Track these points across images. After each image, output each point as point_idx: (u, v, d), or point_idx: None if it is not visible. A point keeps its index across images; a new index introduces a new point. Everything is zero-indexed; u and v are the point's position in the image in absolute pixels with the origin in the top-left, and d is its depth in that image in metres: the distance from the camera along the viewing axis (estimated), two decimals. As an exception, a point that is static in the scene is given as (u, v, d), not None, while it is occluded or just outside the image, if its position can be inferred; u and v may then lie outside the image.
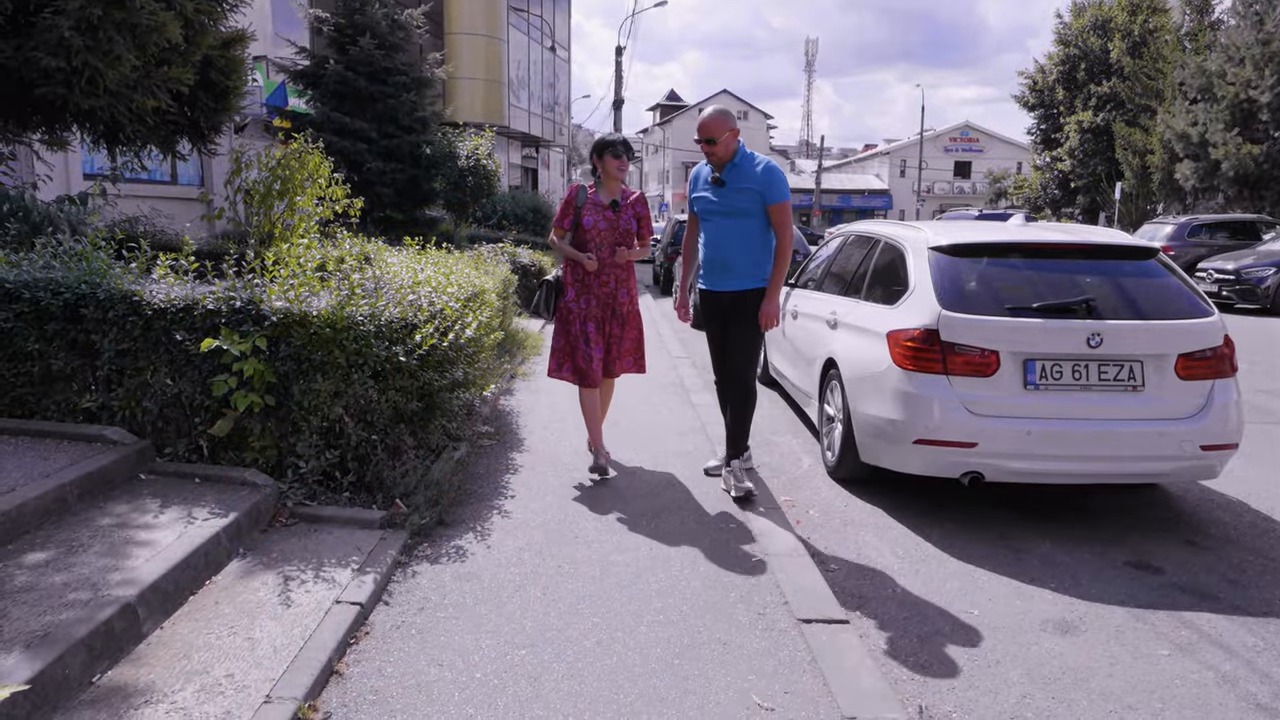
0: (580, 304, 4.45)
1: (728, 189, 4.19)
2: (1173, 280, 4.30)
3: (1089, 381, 3.97)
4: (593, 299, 4.45)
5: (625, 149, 4.51)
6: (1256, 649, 3.02)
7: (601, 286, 4.46)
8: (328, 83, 13.31)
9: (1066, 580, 3.56)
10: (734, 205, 4.18)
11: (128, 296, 3.66)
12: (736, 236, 4.21)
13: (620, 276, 4.51)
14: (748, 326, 4.25)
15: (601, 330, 4.48)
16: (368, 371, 3.72)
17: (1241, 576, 3.64)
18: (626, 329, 4.57)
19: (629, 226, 4.49)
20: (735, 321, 4.29)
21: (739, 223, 4.20)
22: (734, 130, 4.19)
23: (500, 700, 2.39)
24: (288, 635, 2.54)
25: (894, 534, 4.05)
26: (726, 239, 4.24)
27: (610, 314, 4.50)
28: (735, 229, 4.21)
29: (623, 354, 4.57)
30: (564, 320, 4.49)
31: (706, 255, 4.37)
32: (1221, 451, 4.03)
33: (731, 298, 4.27)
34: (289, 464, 3.69)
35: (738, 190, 4.17)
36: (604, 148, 4.49)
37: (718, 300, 4.34)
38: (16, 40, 5.37)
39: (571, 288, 4.49)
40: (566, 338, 4.48)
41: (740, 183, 4.17)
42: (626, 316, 4.56)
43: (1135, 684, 2.77)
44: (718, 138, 4.12)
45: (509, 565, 3.32)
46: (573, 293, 4.48)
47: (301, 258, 4.14)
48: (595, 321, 4.45)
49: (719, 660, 2.71)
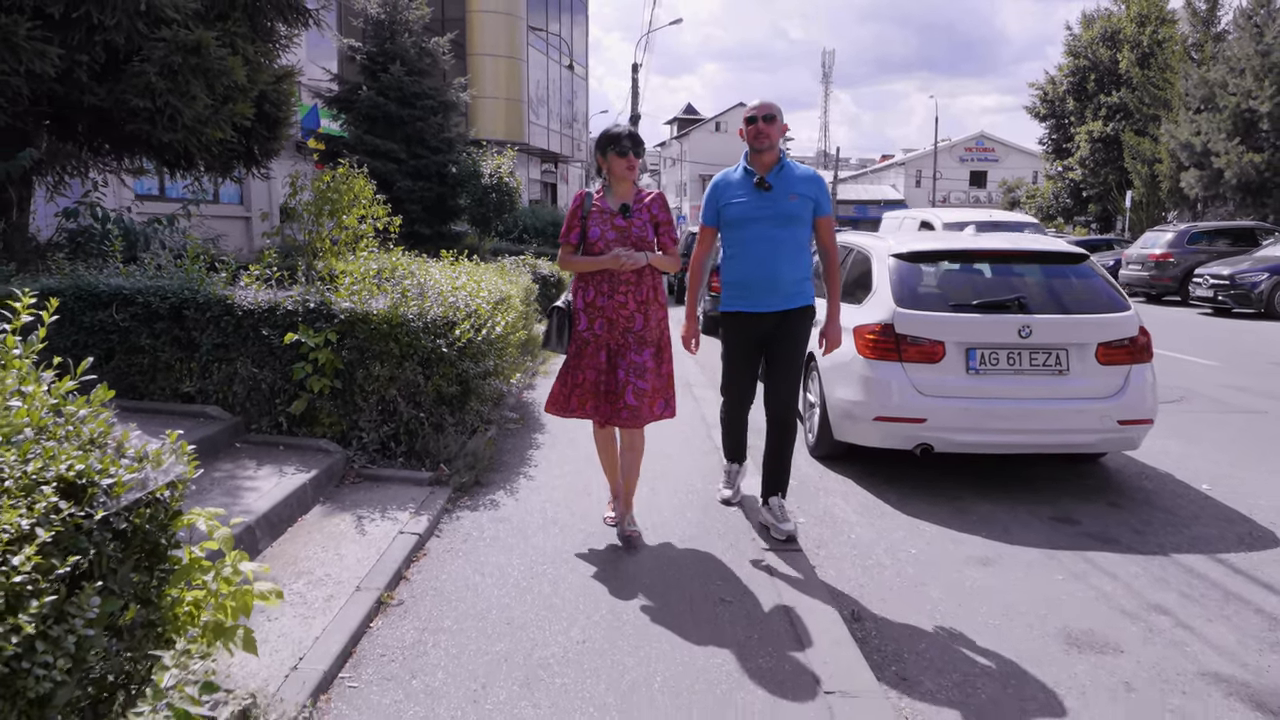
0: (595, 330, 3.66)
1: (775, 193, 3.75)
2: (1098, 281, 5.02)
3: (1021, 367, 4.69)
4: (606, 323, 3.64)
5: (634, 144, 3.63)
6: (1137, 576, 3.73)
7: (619, 309, 3.62)
8: (360, 107, 14.27)
9: (997, 530, 4.28)
10: (785, 211, 3.75)
11: (222, 300, 4.50)
12: (786, 247, 3.77)
13: (640, 295, 3.65)
14: (795, 351, 3.85)
15: (616, 363, 3.65)
16: (416, 360, 4.53)
17: (1146, 528, 4.34)
18: (653, 361, 3.67)
19: (644, 234, 3.65)
20: (780, 346, 3.85)
21: (788, 232, 3.77)
22: (785, 126, 3.88)
23: (528, 597, 3.17)
24: (366, 553, 3.34)
25: (858, 498, 4.79)
26: (774, 251, 3.76)
27: (629, 342, 3.64)
28: (785, 239, 3.76)
29: (652, 394, 3.66)
30: (577, 353, 3.71)
31: (744, 272, 3.82)
32: (1138, 425, 4.74)
33: (777, 319, 3.82)
34: (353, 436, 4.51)
35: (788, 195, 3.75)
36: (607, 143, 3.67)
37: (757, 324, 3.84)
38: (109, 85, 6.27)
39: (583, 314, 3.68)
40: (574, 372, 3.71)
41: (791, 188, 3.76)
42: (652, 345, 3.69)
43: (1030, 598, 3.50)
44: (776, 116, 3.78)
45: (534, 513, 4.11)
46: (584, 320, 3.68)
47: (361, 268, 4.96)
48: (609, 350, 3.66)
49: (699, 566, 3.46)
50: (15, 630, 1.35)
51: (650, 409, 3.67)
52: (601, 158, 3.71)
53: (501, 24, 28.25)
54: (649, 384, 3.63)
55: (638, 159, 3.70)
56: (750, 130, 3.80)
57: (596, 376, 3.67)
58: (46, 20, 5.75)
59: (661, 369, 3.73)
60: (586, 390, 3.68)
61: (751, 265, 3.80)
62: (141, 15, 6.05)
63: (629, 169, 3.66)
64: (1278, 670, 2.93)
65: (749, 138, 3.81)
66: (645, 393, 3.62)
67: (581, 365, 3.69)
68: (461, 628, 2.91)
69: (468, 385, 4.83)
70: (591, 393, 3.68)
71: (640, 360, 3.63)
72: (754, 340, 3.90)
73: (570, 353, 3.74)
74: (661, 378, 3.73)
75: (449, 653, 2.73)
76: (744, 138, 3.86)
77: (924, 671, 2.91)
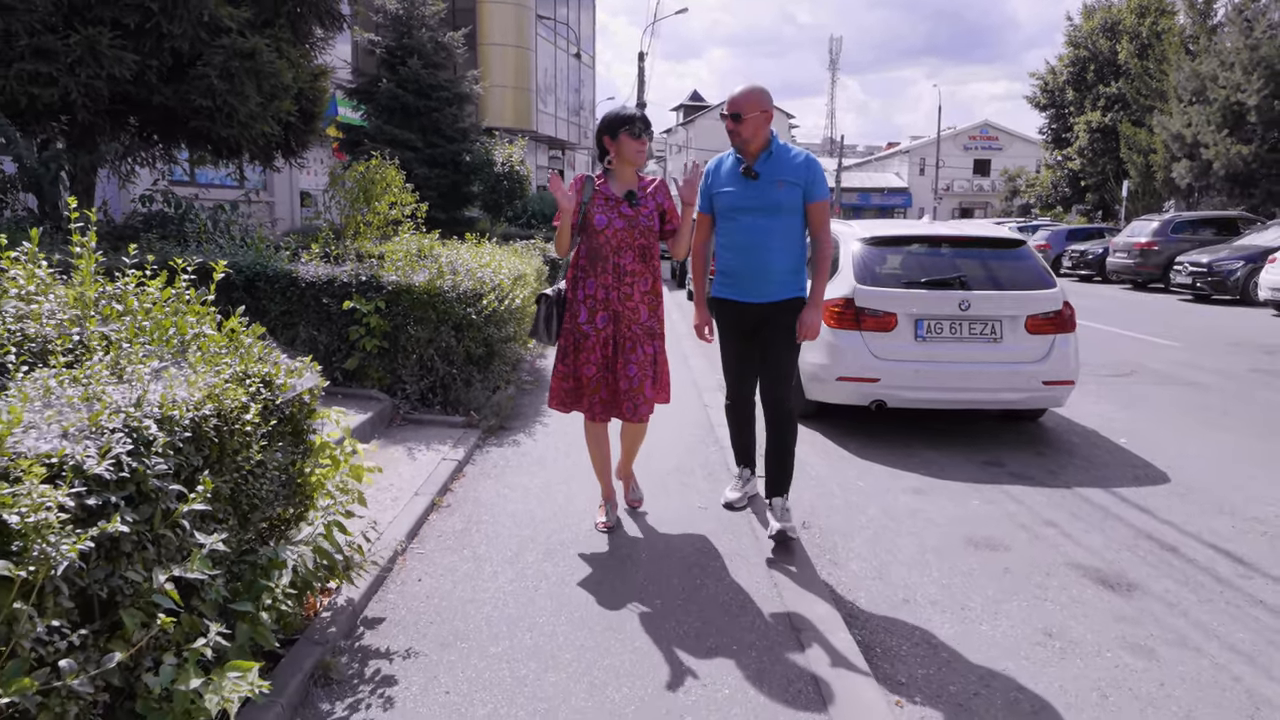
0: (596, 324, 3.54)
1: (762, 182, 3.63)
2: (1033, 263, 5.85)
3: (962, 335, 5.54)
4: (609, 316, 3.54)
5: (644, 126, 3.53)
6: (1040, 502, 4.58)
7: (624, 301, 3.53)
8: (380, 99, 15.09)
9: (934, 469, 5.14)
10: (772, 200, 3.63)
11: (289, 274, 5.37)
12: (776, 238, 3.65)
13: (644, 286, 3.59)
14: (786, 342, 3.72)
15: (623, 358, 3.57)
16: (450, 325, 5.40)
17: (1060, 470, 5.19)
18: (648, 350, 3.62)
19: (651, 223, 3.55)
20: (770, 337, 3.74)
21: (778, 222, 3.65)
22: (766, 112, 3.64)
23: (547, 504, 4.07)
24: (418, 472, 4.22)
25: (822, 446, 5.64)
26: (763, 241, 3.65)
27: (636, 334, 3.58)
28: (775, 229, 3.65)
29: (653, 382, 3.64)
30: (575, 347, 3.59)
31: (732, 261, 3.75)
32: (1061, 386, 5.59)
33: (765, 310, 3.71)
34: (398, 387, 5.39)
35: (775, 183, 3.63)
36: (620, 124, 3.50)
37: (744, 313, 3.76)
38: (175, 86, 7.11)
39: (583, 306, 3.56)
40: (572, 367, 3.62)
41: (779, 174, 3.63)
42: (656, 337, 3.67)
43: (948, 515, 4.36)
44: (744, 114, 3.57)
45: (548, 450, 4.98)
46: (584, 312, 3.55)
47: (404, 248, 5.83)
48: (610, 344, 3.57)
49: (680, 486, 4.33)
50: (247, 460, 2.23)
51: (647, 399, 3.62)
52: (610, 139, 3.53)
53: (510, 14, 28.95)
54: (651, 374, 3.61)
55: (649, 141, 3.59)
56: (728, 126, 3.66)
57: (596, 373, 3.55)
58: (124, 30, 6.60)
59: (658, 357, 3.68)
60: (586, 386, 3.58)
61: (741, 256, 3.71)
62: (204, 25, 6.89)
63: (639, 151, 3.53)
64: (1126, 562, 3.79)
65: (728, 131, 3.69)
66: (642, 386, 3.58)
67: (581, 360, 3.56)
68: (496, 520, 3.80)
69: (492, 347, 5.70)
70: (591, 388, 3.58)
71: (650, 353, 3.59)
72: (743, 329, 3.81)
73: (564, 346, 3.61)
74: (659, 365, 3.68)
75: (488, 535, 3.62)
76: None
77: (851, 560, 3.78)
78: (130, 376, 2.12)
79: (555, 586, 3.20)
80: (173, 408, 1.97)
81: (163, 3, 6.60)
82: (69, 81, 6.35)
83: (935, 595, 3.42)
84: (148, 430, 1.85)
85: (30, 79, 6.27)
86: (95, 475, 1.64)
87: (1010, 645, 3.03)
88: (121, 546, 1.71)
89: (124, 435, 1.78)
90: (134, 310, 2.65)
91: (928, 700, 2.66)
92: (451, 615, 2.93)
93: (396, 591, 3.10)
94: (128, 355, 2.28)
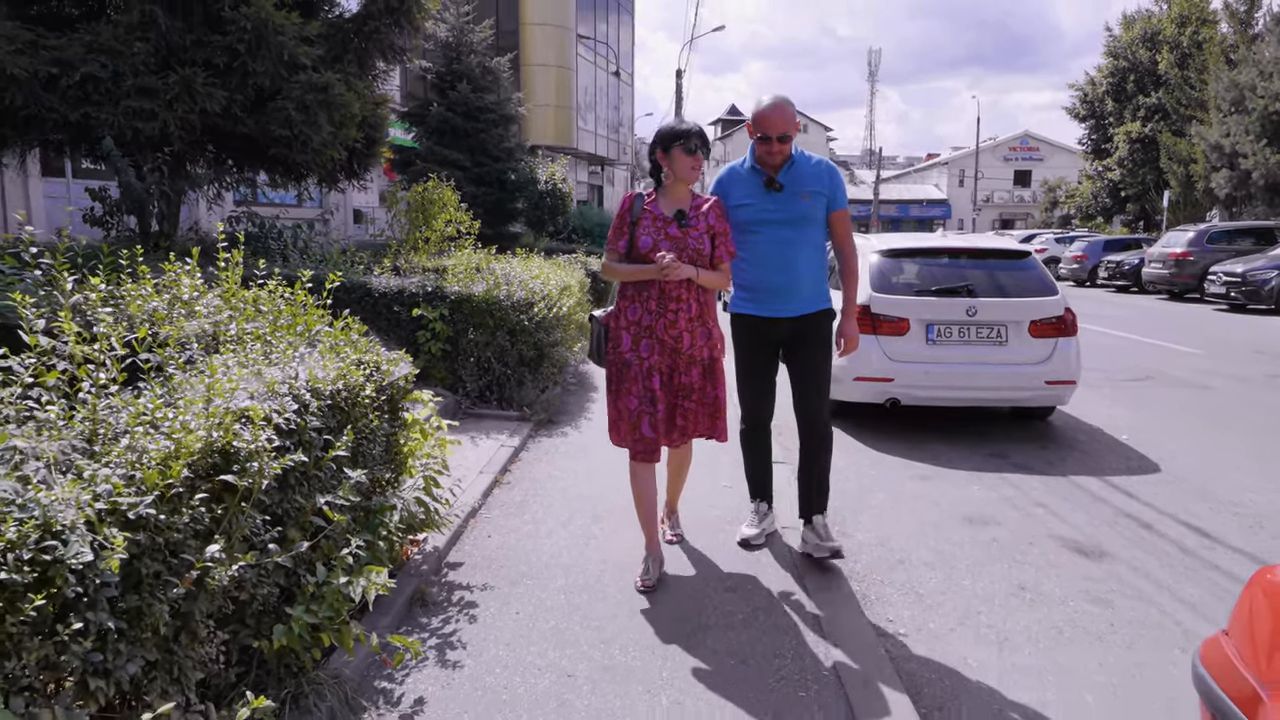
0: (640, 353, 3.34)
1: (786, 194, 3.50)
2: (1036, 272, 6.35)
3: (970, 339, 6.05)
4: (654, 344, 3.32)
5: (701, 142, 3.33)
6: (1035, 488, 5.07)
7: (668, 329, 3.31)
8: (431, 121, 15.98)
9: (941, 460, 5.65)
10: (798, 212, 3.49)
11: (364, 284, 6.08)
12: (803, 250, 3.54)
13: (690, 313, 3.34)
14: (819, 355, 3.64)
15: (668, 386, 3.38)
16: (505, 331, 6.06)
17: (1060, 462, 5.66)
18: (702, 382, 3.42)
19: (700, 246, 3.31)
20: (801, 351, 3.64)
21: (805, 233, 3.54)
22: (798, 124, 3.56)
23: (594, 483, 4.70)
24: (481, 456, 4.87)
25: (840, 440, 6.08)
26: (791, 254, 3.52)
27: (677, 362, 3.36)
28: (802, 241, 3.53)
29: (697, 413, 3.44)
30: (618, 376, 3.40)
31: (756, 276, 3.59)
32: (1063, 385, 6.06)
33: (794, 325, 3.59)
34: (459, 386, 6.07)
35: (800, 195, 3.50)
36: (673, 139, 3.31)
37: (774, 329, 3.61)
38: (256, 117, 7.93)
39: (627, 332, 3.36)
40: (621, 400, 3.40)
41: (803, 185, 3.51)
42: (704, 365, 3.42)
43: (950, 498, 4.88)
44: (791, 133, 3.45)
45: (592, 440, 5.61)
46: (628, 340, 3.35)
47: (465, 262, 6.53)
48: (661, 374, 3.35)
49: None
50: (366, 425, 2.88)
51: (696, 424, 3.45)
52: (663, 154, 3.33)
53: (552, 35, 29.93)
54: (694, 403, 3.41)
55: (704, 159, 3.37)
56: (762, 148, 3.49)
57: (639, 405, 3.33)
58: (214, 70, 7.44)
59: (708, 389, 3.44)
60: (629, 419, 3.36)
61: (765, 270, 3.55)
62: (284, 63, 7.70)
63: (694, 169, 3.32)
64: (1104, 536, 4.28)
65: (760, 153, 3.51)
66: (691, 412, 3.41)
67: (623, 390, 3.38)
68: (549, 494, 4.45)
69: (542, 351, 6.35)
70: (636, 421, 3.34)
71: (688, 382, 3.38)
72: (766, 346, 3.66)
73: (611, 375, 3.44)
74: (707, 396, 3.44)
75: (544, 505, 4.27)
76: (752, 136, 3.55)
77: (857, 531, 4.33)
78: (278, 360, 2.79)
79: (601, 543, 3.82)
80: (317, 382, 2.63)
81: (249, 44, 7.43)
82: (168, 115, 7.19)
83: (928, 558, 3.96)
84: (304, 398, 2.50)
85: (135, 114, 7.13)
86: (277, 425, 2.29)
87: (987, 595, 3.56)
88: (289, 479, 2.36)
89: (290, 400, 2.43)
90: (268, 311, 3.33)
91: (909, 633, 3.21)
92: (517, 561, 3.57)
93: (471, 544, 3.75)
94: (273, 345, 2.95)
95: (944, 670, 2.96)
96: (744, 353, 3.75)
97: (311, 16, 8.39)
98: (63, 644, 1.46)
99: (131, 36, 7.09)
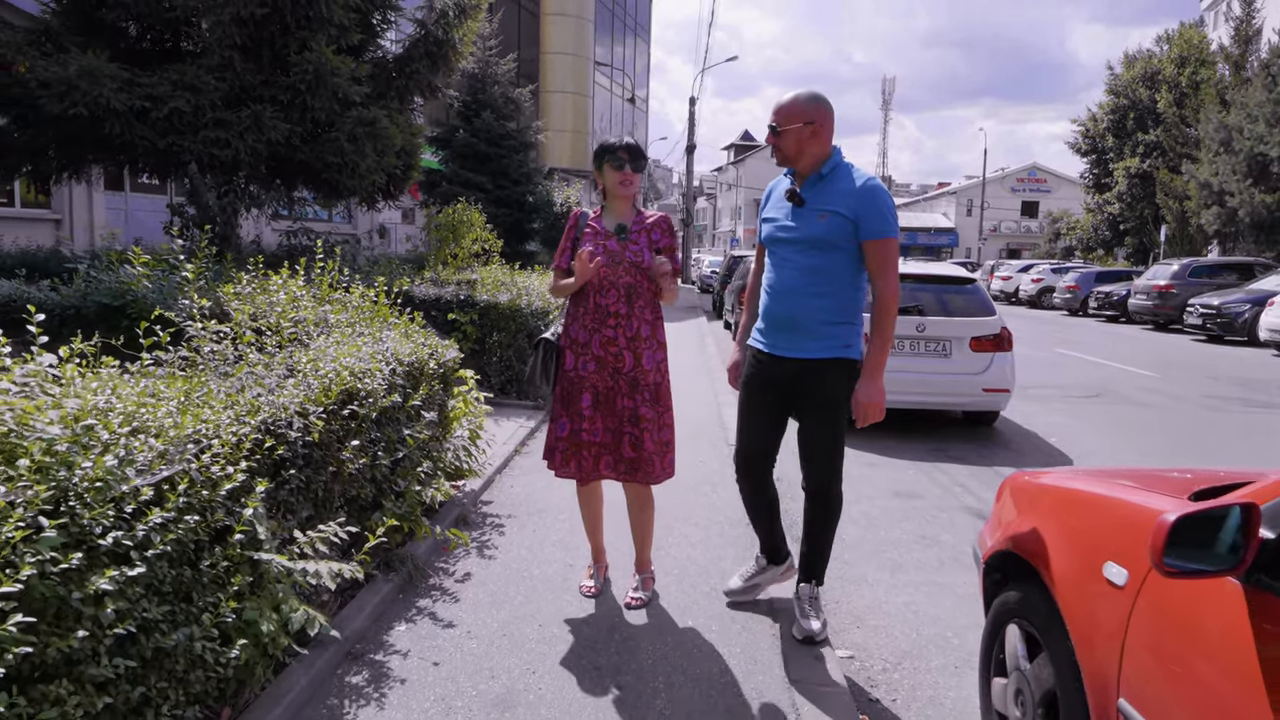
0: (580, 370, 3.21)
1: (806, 210, 3.05)
2: (979, 295, 7.42)
3: (919, 351, 7.11)
4: (590, 360, 3.19)
5: (631, 156, 3.20)
6: (960, 473, 6.11)
7: (606, 345, 3.17)
8: (456, 146, 17.25)
9: (890, 452, 6.70)
10: (813, 234, 3.01)
11: (406, 292, 7.21)
12: (813, 279, 3.04)
13: (630, 331, 3.18)
14: (823, 413, 3.13)
15: (602, 407, 3.21)
16: (524, 334, 7.17)
17: (991, 456, 6.70)
18: (649, 409, 3.21)
19: (639, 260, 3.18)
20: (804, 404, 3.17)
21: (816, 260, 3.03)
22: (812, 124, 3.02)
23: (593, 456, 5.78)
24: (504, 433, 5.98)
25: (809, 435, 7.24)
26: (798, 283, 3.06)
27: (618, 383, 3.19)
28: (812, 268, 3.04)
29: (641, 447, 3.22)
30: (562, 396, 3.29)
31: (766, 303, 3.19)
32: (998, 393, 7.11)
33: (796, 368, 3.10)
34: (484, 381, 7.17)
35: (817, 214, 3.01)
36: (601, 154, 3.24)
37: (773, 368, 3.17)
38: (312, 146, 9.12)
39: (570, 350, 3.24)
40: (560, 418, 3.29)
41: (824, 203, 3.01)
42: (647, 389, 3.21)
43: (886, 478, 5.92)
44: (781, 125, 3.02)
45: (596, 427, 6.70)
46: (571, 357, 3.24)
47: (492, 276, 7.67)
48: (592, 393, 3.20)
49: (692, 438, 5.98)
50: (429, 389, 3.99)
51: (644, 468, 3.23)
52: (597, 171, 3.27)
53: (570, 64, 31.38)
54: (649, 435, 3.20)
55: (636, 174, 3.23)
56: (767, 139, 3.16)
57: (577, 426, 3.21)
58: (279, 105, 8.63)
59: (661, 418, 3.27)
60: (568, 442, 3.25)
61: (772, 298, 3.15)
62: (338, 100, 8.89)
63: (623, 184, 3.21)
64: (1004, 507, 5.32)
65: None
66: (642, 444, 3.19)
67: (571, 411, 3.23)
68: (559, 463, 5.53)
69: (555, 353, 7.46)
70: (573, 444, 3.23)
71: (632, 405, 3.19)
72: (767, 385, 3.20)
73: (557, 395, 3.30)
74: (661, 429, 3.27)
75: (554, 469, 5.35)
76: None
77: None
78: (370, 341, 3.90)
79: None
80: (400, 354, 3.73)
81: (309, 84, 8.63)
82: (240, 144, 8.38)
83: (855, 517, 5.01)
84: (392, 364, 3.61)
85: (213, 143, 8.32)
86: (382, 375, 3.40)
87: (895, 541, 4.61)
88: (384, 417, 3.46)
89: (383, 364, 3.54)
90: (349, 308, 4.45)
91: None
92: (535, 503, 4.65)
93: (498, 490, 4.85)
94: (362, 332, 4.07)
95: (848, 580, 4.02)
96: (745, 385, 3.32)
97: (359, 57, 9.60)
98: (283, 482, 2.58)
99: (211, 76, 8.30)
